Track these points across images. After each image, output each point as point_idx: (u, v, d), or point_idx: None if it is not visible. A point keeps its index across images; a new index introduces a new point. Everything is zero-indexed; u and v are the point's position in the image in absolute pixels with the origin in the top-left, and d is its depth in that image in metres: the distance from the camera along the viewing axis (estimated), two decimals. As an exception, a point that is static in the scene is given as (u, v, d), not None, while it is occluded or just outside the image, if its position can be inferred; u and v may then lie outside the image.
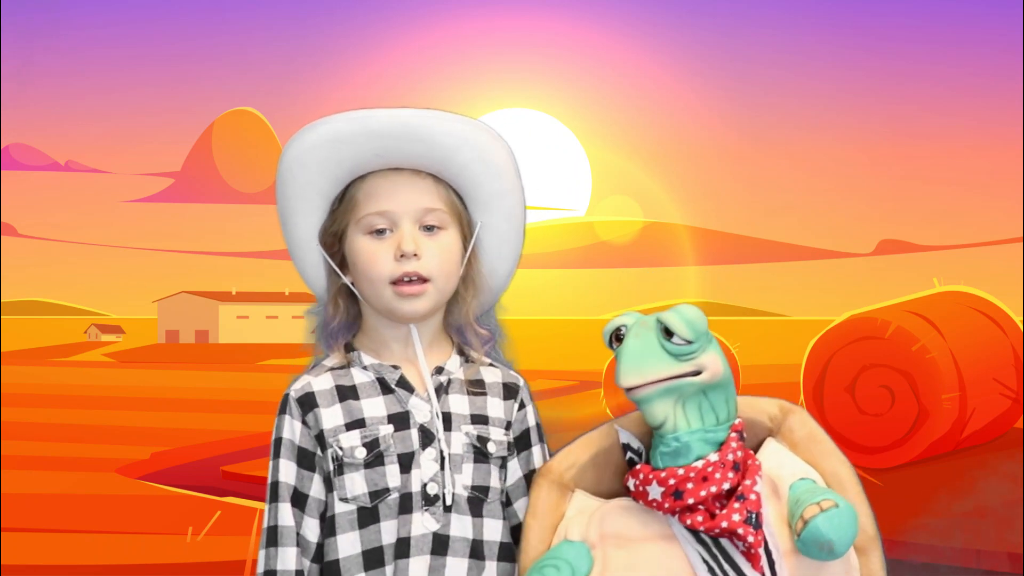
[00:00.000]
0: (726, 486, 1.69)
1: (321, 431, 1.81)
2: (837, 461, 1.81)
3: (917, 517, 6.37)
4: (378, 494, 1.79)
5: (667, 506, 1.70)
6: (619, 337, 1.74)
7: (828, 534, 1.65)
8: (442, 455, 1.82)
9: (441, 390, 1.86)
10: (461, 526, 1.81)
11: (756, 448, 1.82)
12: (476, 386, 1.90)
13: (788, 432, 1.82)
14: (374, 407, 1.83)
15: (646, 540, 1.73)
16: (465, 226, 1.89)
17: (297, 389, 1.85)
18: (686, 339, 1.70)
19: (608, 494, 1.83)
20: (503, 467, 1.88)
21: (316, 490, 1.81)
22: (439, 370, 1.88)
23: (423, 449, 1.81)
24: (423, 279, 1.83)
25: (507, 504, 1.89)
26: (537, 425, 1.95)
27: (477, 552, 1.82)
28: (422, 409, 1.83)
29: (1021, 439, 8.51)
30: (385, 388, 1.84)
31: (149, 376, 19.07)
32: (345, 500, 1.79)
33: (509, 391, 1.93)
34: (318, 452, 1.82)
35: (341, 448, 1.80)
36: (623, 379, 1.69)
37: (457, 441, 1.83)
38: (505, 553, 1.85)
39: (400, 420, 1.82)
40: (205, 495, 7.77)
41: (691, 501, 1.68)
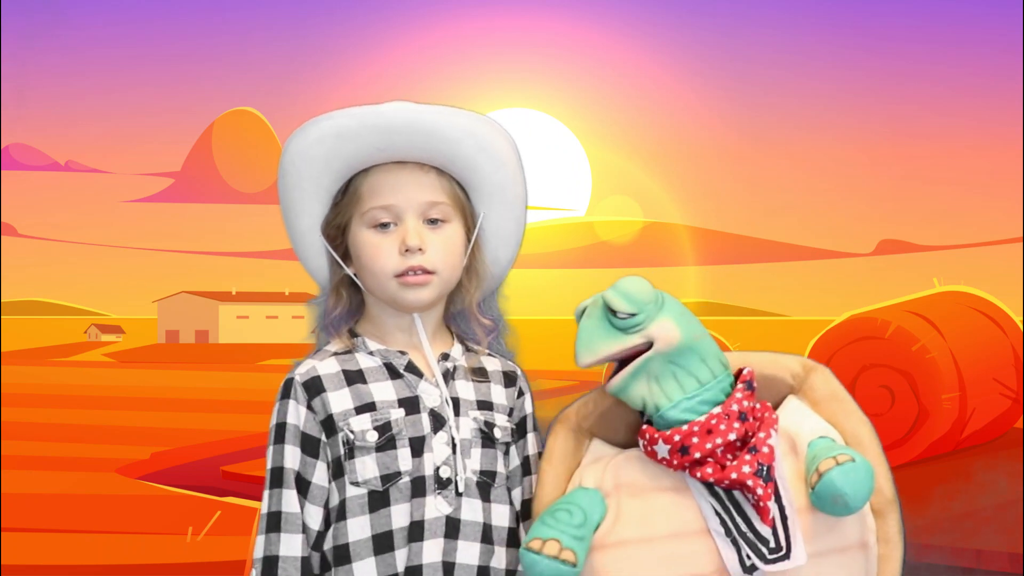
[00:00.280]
0: (732, 436, 1.69)
1: (330, 415, 1.81)
2: (858, 420, 1.81)
3: (917, 517, 6.36)
4: (390, 477, 1.79)
5: (675, 463, 1.70)
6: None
7: (843, 488, 1.64)
8: (453, 440, 1.82)
9: (448, 376, 1.87)
10: (472, 510, 1.81)
11: (777, 405, 1.81)
12: (479, 374, 1.91)
13: (810, 390, 1.82)
14: (383, 391, 1.83)
15: (660, 491, 1.73)
16: (468, 217, 1.89)
17: (302, 373, 1.84)
18: (627, 312, 1.71)
19: (624, 444, 1.83)
20: (507, 453, 1.89)
21: (319, 477, 1.81)
22: (445, 356, 1.89)
23: (434, 433, 1.81)
24: (428, 272, 1.83)
25: (511, 489, 1.90)
26: (533, 413, 1.97)
27: (487, 536, 1.82)
28: (432, 394, 1.84)
29: (1021, 439, 8.51)
30: (393, 373, 1.85)
31: (149, 376, 19.07)
32: (356, 484, 1.79)
33: (509, 379, 1.94)
34: (323, 438, 1.81)
35: (352, 432, 1.79)
36: (577, 359, 1.72)
37: (465, 426, 1.84)
38: (512, 539, 1.86)
39: (410, 404, 1.82)
40: (205, 495, 7.77)
41: (698, 455, 1.69)
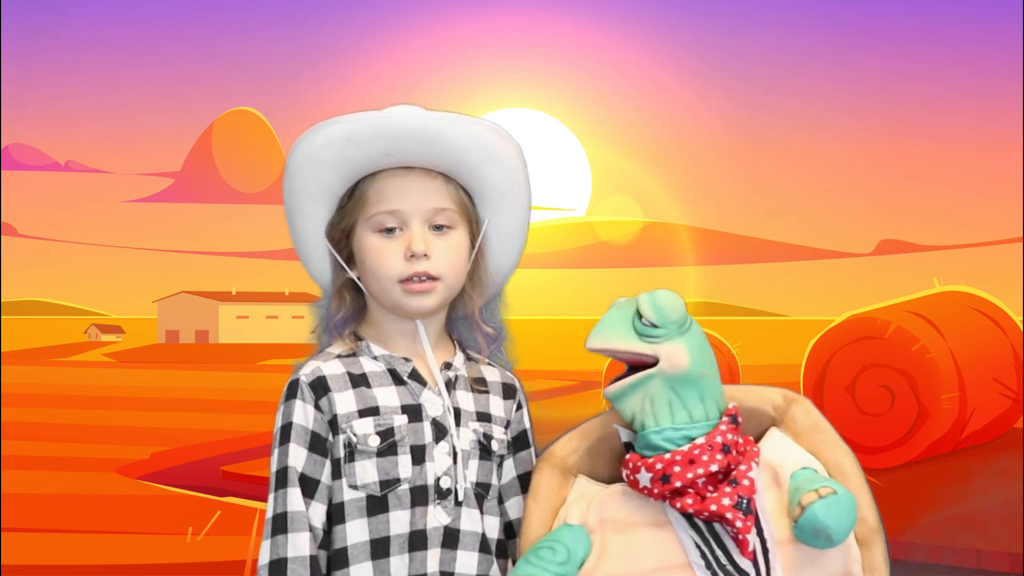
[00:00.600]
0: (714, 468, 1.69)
1: (335, 416, 1.81)
2: (840, 451, 1.81)
3: (917, 517, 6.37)
4: (388, 483, 1.79)
5: (656, 491, 1.70)
6: None
7: (825, 521, 1.65)
8: (454, 450, 1.82)
9: (450, 385, 1.87)
10: (471, 520, 1.82)
11: (759, 437, 1.82)
12: (479, 384, 1.91)
13: (791, 422, 1.83)
14: (387, 396, 1.83)
15: (643, 526, 1.74)
16: (473, 224, 1.90)
17: (307, 373, 1.84)
18: (651, 322, 1.72)
19: (609, 480, 1.83)
20: (500, 466, 1.89)
21: (326, 476, 1.80)
22: (447, 365, 1.89)
23: (436, 443, 1.82)
24: (432, 278, 1.83)
25: (500, 502, 1.90)
26: (531, 428, 1.97)
27: (485, 546, 1.83)
28: (434, 403, 1.84)
29: (1021, 439, 8.51)
30: (396, 379, 1.85)
31: (149, 376, 19.08)
32: (354, 487, 1.79)
33: (508, 391, 1.94)
34: (329, 437, 1.81)
35: (355, 435, 1.79)
36: (588, 340, 1.73)
37: (465, 437, 1.84)
38: (500, 550, 1.86)
39: (413, 412, 1.83)
40: (205, 495, 7.78)
41: (679, 484, 1.69)
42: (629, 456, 1.75)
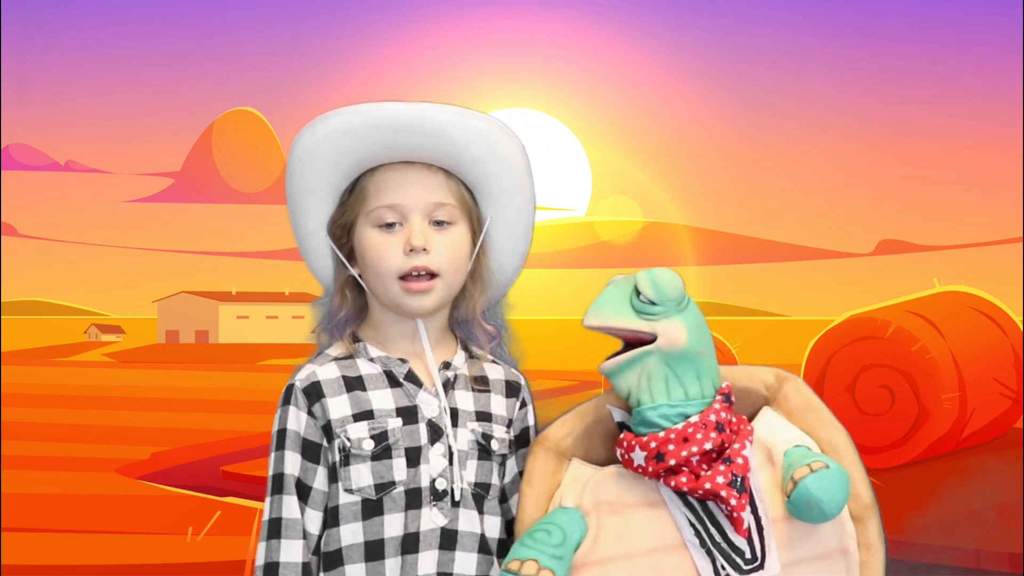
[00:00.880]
0: (708, 446, 1.69)
1: (328, 421, 1.81)
2: (833, 429, 1.82)
3: (917, 517, 6.36)
4: (384, 487, 1.78)
5: (651, 470, 1.70)
6: None
7: (817, 494, 1.66)
8: (450, 451, 1.82)
9: (448, 385, 1.86)
10: (469, 521, 1.81)
11: (752, 417, 1.82)
12: (480, 383, 1.90)
13: (784, 400, 1.83)
14: (382, 399, 1.82)
15: (638, 507, 1.74)
16: (475, 221, 1.88)
17: (302, 379, 1.84)
18: (649, 298, 1.72)
19: (603, 462, 1.83)
20: (502, 465, 1.88)
21: (320, 482, 1.81)
22: (446, 365, 1.88)
23: (431, 444, 1.81)
24: (432, 274, 1.82)
25: (503, 501, 1.89)
26: (535, 424, 1.96)
27: (484, 547, 1.82)
28: (430, 404, 1.83)
29: (1021, 439, 8.51)
30: (392, 381, 1.84)
31: (149, 376, 19.07)
32: (350, 491, 1.79)
33: (511, 389, 1.93)
34: (323, 443, 1.81)
35: (349, 439, 1.79)
36: (585, 318, 1.73)
37: (463, 438, 1.84)
38: (502, 549, 1.85)
39: (408, 414, 1.82)
40: (205, 495, 7.77)
41: (673, 463, 1.69)
42: (623, 435, 1.75)
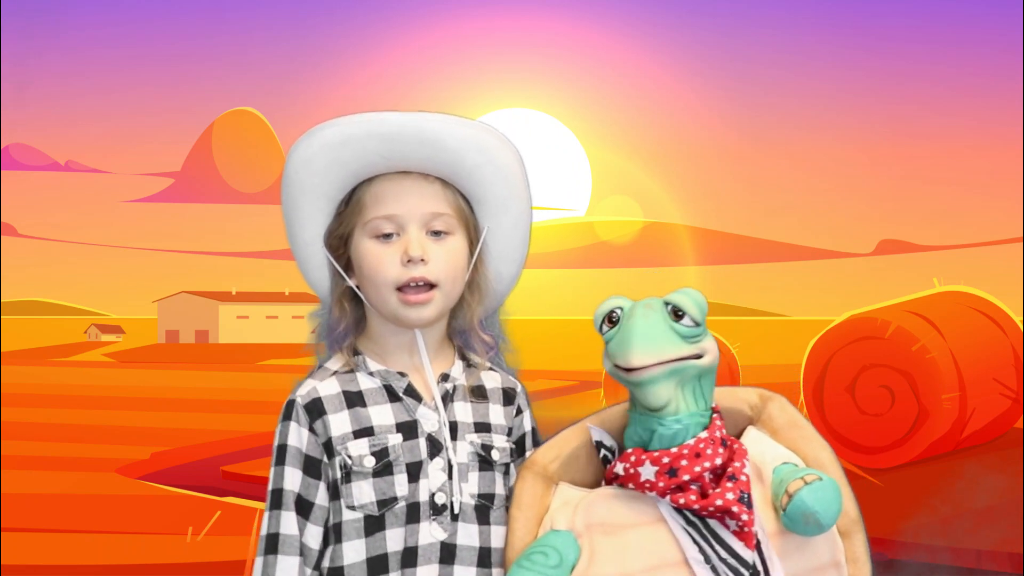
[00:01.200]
0: (718, 461, 1.70)
1: (329, 438, 1.80)
2: (818, 446, 1.83)
3: (917, 517, 6.36)
4: (386, 503, 1.78)
5: (661, 485, 1.70)
6: (612, 320, 1.74)
7: (813, 506, 1.67)
8: (450, 464, 1.81)
9: (447, 398, 1.86)
10: (468, 535, 1.81)
11: (737, 437, 1.83)
12: (478, 393, 1.89)
13: (768, 419, 1.84)
14: (382, 415, 1.82)
15: (634, 526, 1.73)
16: (472, 231, 1.88)
17: (303, 395, 1.83)
18: (696, 321, 1.72)
19: (590, 486, 1.83)
20: (506, 473, 1.88)
21: (321, 498, 1.80)
22: (444, 377, 1.87)
23: (431, 459, 1.81)
24: (430, 284, 1.82)
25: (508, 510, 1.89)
26: (533, 430, 1.96)
27: (484, 560, 1.82)
28: (430, 419, 1.83)
29: (1021, 439, 8.51)
30: (392, 396, 1.84)
31: (149, 376, 19.07)
32: (352, 508, 1.79)
33: (508, 397, 1.93)
34: (324, 459, 1.81)
35: (350, 456, 1.79)
36: (635, 357, 1.68)
37: (463, 450, 1.83)
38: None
39: (408, 429, 1.82)
40: (205, 495, 7.77)
41: (686, 478, 1.69)
42: (631, 450, 1.74)
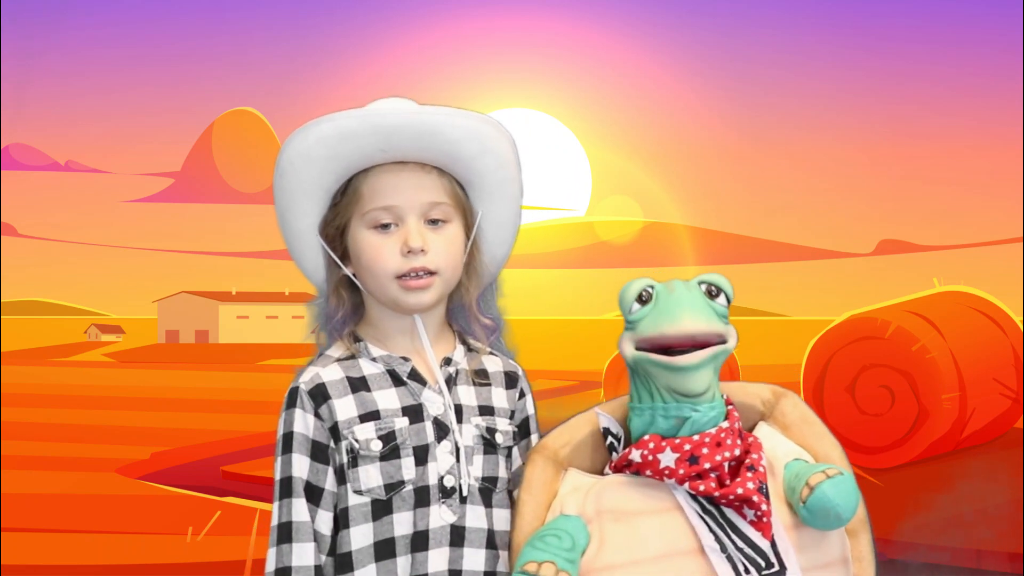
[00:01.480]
0: (737, 452, 1.71)
1: (335, 423, 1.81)
2: (829, 444, 1.84)
3: (917, 517, 6.36)
4: (393, 487, 1.79)
5: (681, 472, 1.71)
6: (642, 300, 1.74)
7: (835, 499, 1.68)
8: (457, 447, 1.82)
9: (450, 381, 1.87)
10: (476, 517, 1.82)
11: (749, 432, 1.83)
12: (481, 376, 1.91)
13: (780, 416, 1.85)
14: (387, 399, 1.83)
15: (643, 514, 1.74)
16: (468, 216, 1.90)
17: (307, 381, 1.84)
18: (729, 300, 1.74)
19: (599, 472, 1.84)
20: (509, 456, 1.89)
21: (330, 483, 1.81)
22: (447, 361, 1.88)
23: (438, 442, 1.82)
24: (430, 273, 1.83)
25: (511, 493, 1.89)
26: (534, 414, 1.97)
27: (492, 542, 1.83)
28: (435, 402, 1.84)
29: (1021, 439, 8.51)
30: (396, 380, 1.85)
31: (149, 376, 19.07)
32: (359, 492, 1.79)
33: (510, 380, 1.95)
34: (331, 444, 1.81)
35: (357, 440, 1.79)
36: (685, 324, 1.68)
37: (468, 433, 1.84)
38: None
39: (414, 413, 1.83)
40: (205, 495, 7.77)
41: (707, 466, 1.70)
42: (649, 436, 1.74)
